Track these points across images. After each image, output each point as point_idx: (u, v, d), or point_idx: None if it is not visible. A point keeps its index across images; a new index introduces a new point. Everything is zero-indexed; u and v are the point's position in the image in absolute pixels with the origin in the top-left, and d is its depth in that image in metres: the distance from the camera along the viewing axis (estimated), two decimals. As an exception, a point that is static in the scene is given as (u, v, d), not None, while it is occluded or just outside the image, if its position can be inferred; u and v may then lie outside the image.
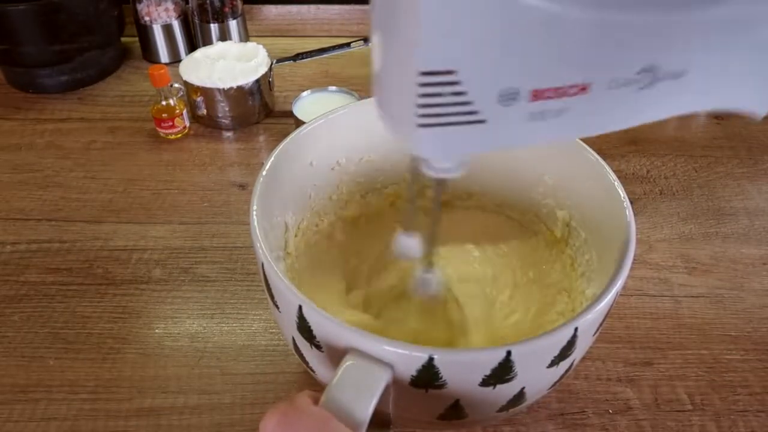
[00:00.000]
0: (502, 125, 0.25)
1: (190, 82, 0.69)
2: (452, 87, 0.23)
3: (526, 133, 0.25)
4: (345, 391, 0.28)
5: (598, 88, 0.24)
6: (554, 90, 0.24)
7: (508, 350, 0.29)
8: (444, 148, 0.26)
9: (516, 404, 0.33)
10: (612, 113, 0.25)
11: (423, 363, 0.29)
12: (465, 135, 0.25)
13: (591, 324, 0.32)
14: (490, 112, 0.24)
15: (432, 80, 0.23)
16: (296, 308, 0.32)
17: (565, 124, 0.25)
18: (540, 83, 0.24)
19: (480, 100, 0.24)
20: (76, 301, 0.51)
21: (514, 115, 0.24)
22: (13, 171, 0.65)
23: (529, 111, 0.24)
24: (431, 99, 0.24)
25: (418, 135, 0.25)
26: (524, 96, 0.24)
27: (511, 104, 0.24)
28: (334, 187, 0.47)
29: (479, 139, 0.25)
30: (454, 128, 0.24)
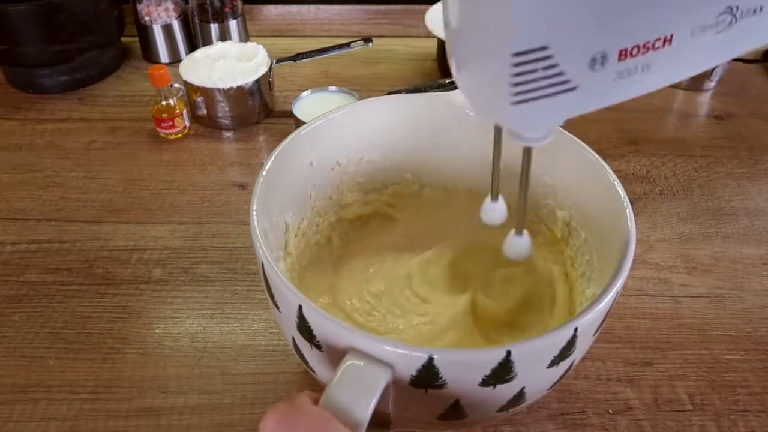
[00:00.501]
0: (592, 89, 0.25)
1: (190, 82, 0.69)
2: (545, 62, 0.23)
3: (614, 91, 0.26)
4: (345, 390, 0.28)
5: (681, 37, 0.25)
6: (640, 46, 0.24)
7: (508, 350, 0.29)
8: (538, 120, 0.26)
9: (516, 404, 0.33)
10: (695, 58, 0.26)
11: (423, 363, 0.29)
12: (557, 104, 0.25)
13: (591, 324, 0.32)
14: (581, 78, 0.24)
15: (525, 59, 0.23)
16: (296, 308, 0.32)
17: (650, 77, 0.25)
18: (627, 42, 0.24)
19: (571, 69, 0.24)
20: (76, 301, 0.51)
21: (604, 77, 0.25)
22: (13, 171, 0.65)
23: (617, 70, 0.25)
24: (525, 77, 0.24)
25: (514, 112, 0.25)
26: (612, 58, 0.24)
27: (601, 68, 0.24)
28: (334, 187, 0.47)
29: (570, 105, 0.25)
30: (548, 100, 0.25)
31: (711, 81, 0.80)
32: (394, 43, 0.88)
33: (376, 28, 0.93)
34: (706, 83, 0.80)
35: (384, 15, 0.95)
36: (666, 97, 0.79)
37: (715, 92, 0.80)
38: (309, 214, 0.46)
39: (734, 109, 0.77)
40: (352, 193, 0.49)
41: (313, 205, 0.46)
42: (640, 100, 0.78)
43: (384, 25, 0.94)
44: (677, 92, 0.80)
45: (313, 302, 0.34)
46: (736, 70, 0.83)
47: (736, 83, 0.82)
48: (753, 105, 0.78)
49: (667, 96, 0.79)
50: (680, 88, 0.81)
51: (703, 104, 0.78)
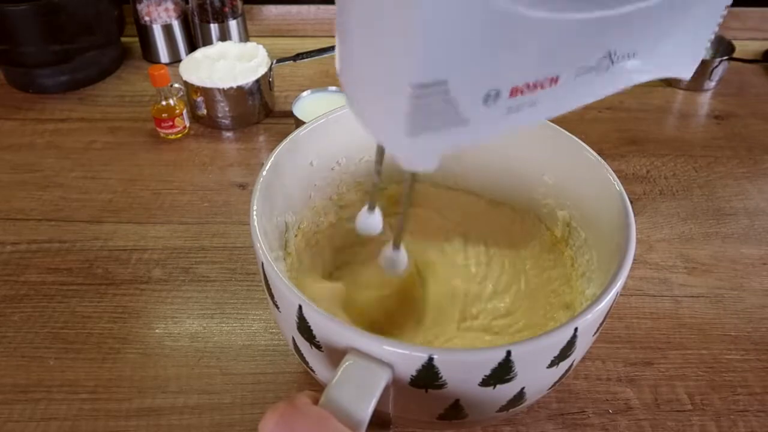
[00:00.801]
0: (482, 122, 0.26)
1: (190, 82, 0.69)
2: (442, 96, 0.24)
3: (502, 125, 0.27)
4: (345, 390, 0.28)
5: (567, 77, 0.26)
6: (531, 85, 0.26)
7: (508, 350, 0.29)
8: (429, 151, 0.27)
9: (516, 404, 0.33)
10: (576, 96, 0.28)
11: (423, 363, 0.29)
12: (448, 136, 0.26)
13: (591, 324, 0.32)
14: (473, 112, 0.25)
15: (424, 92, 0.23)
16: (296, 308, 0.32)
17: (536, 112, 0.27)
18: (518, 81, 0.25)
19: (465, 104, 0.25)
20: (76, 301, 0.51)
21: (494, 113, 0.26)
22: (13, 171, 0.65)
23: (508, 106, 0.26)
24: (423, 110, 0.24)
25: (407, 143, 0.25)
26: (504, 94, 0.25)
27: (493, 103, 0.25)
28: (335, 187, 0.47)
29: (460, 137, 0.26)
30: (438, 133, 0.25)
31: (711, 81, 0.80)
32: (394, 43, 0.88)
33: (376, 28, 0.93)
34: (706, 83, 0.80)
35: (384, 15, 0.95)
36: (666, 97, 0.79)
37: (715, 92, 0.80)
38: (309, 214, 0.46)
39: (734, 109, 0.77)
40: (352, 193, 0.49)
41: (313, 205, 0.46)
42: (640, 100, 0.78)
43: (384, 25, 0.93)
44: (677, 92, 0.80)
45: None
46: (736, 70, 0.83)
47: (736, 83, 0.82)
48: (753, 105, 0.78)
49: (667, 96, 0.79)
50: (680, 88, 0.81)
51: (703, 104, 0.78)
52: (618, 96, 0.79)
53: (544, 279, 0.45)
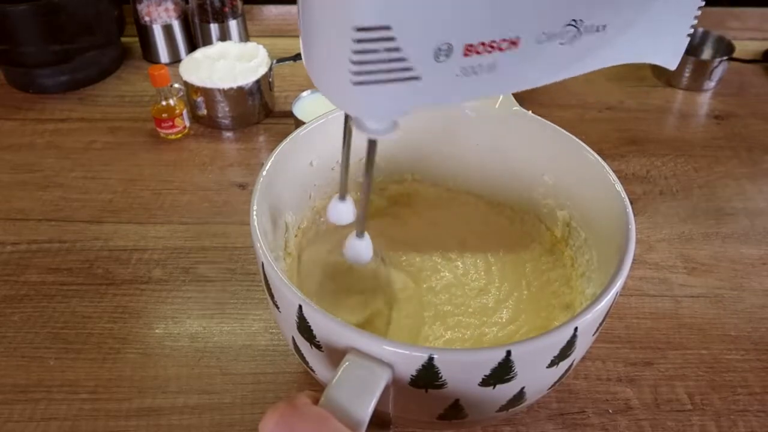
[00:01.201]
0: (436, 81, 0.25)
1: (190, 82, 0.69)
2: (387, 43, 0.23)
3: (458, 88, 0.25)
4: (345, 390, 0.28)
5: (527, 42, 0.25)
6: (486, 44, 0.24)
7: (508, 350, 0.29)
8: (379, 107, 0.26)
9: (516, 404, 0.33)
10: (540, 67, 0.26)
11: (423, 363, 0.29)
12: (399, 92, 0.25)
13: (591, 324, 0.32)
14: (424, 68, 0.24)
15: (367, 36, 0.23)
16: (296, 308, 0.32)
17: (496, 80, 0.26)
18: (472, 38, 0.24)
19: (415, 56, 0.24)
20: (76, 301, 0.51)
21: (448, 71, 0.25)
22: (13, 171, 0.65)
23: (461, 66, 0.25)
24: (366, 56, 0.23)
25: (353, 94, 0.25)
26: (458, 51, 0.24)
27: (445, 60, 0.24)
28: (335, 187, 0.47)
29: (413, 96, 0.25)
30: (389, 86, 0.24)
31: (711, 81, 0.80)
32: (394, 43, 0.88)
33: (376, 28, 0.93)
34: (706, 83, 0.80)
35: (384, 15, 0.95)
36: (666, 97, 0.79)
37: (715, 92, 0.80)
38: (309, 214, 0.46)
39: (734, 109, 0.77)
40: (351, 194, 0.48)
41: (313, 205, 0.46)
42: (640, 100, 0.78)
43: (384, 25, 0.94)
44: (677, 92, 0.80)
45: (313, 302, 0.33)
46: (736, 70, 0.83)
47: (736, 83, 0.82)
48: (753, 105, 0.78)
49: (667, 96, 0.79)
50: (680, 88, 0.81)
51: (703, 104, 0.78)
52: (618, 96, 0.79)
53: (544, 281, 0.45)
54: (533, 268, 0.46)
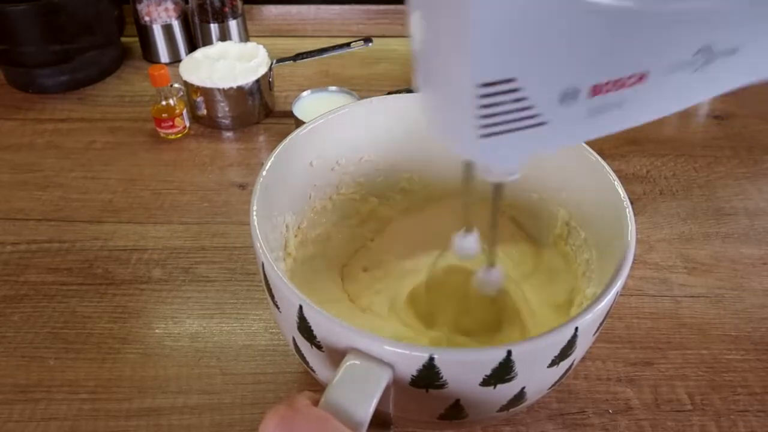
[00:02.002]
0: (563, 124, 0.24)
1: (190, 82, 0.69)
2: (513, 94, 0.23)
3: (586, 128, 0.25)
4: (345, 391, 0.28)
5: (656, 74, 0.24)
6: (613, 83, 0.24)
7: (509, 350, 0.29)
8: (506, 155, 0.26)
9: (516, 404, 0.33)
10: (668, 96, 0.25)
11: (423, 363, 0.29)
12: (526, 139, 0.24)
13: (591, 324, 0.32)
14: (551, 113, 0.24)
15: (491, 91, 0.23)
16: (297, 308, 0.32)
17: (623, 114, 0.25)
18: (599, 78, 0.24)
19: (541, 103, 0.23)
20: (76, 301, 0.51)
21: (575, 113, 0.24)
22: (13, 171, 0.65)
23: (589, 107, 0.24)
24: (492, 109, 0.23)
25: (481, 146, 0.24)
26: (584, 93, 0.24)
27: (572, 103, 0.24)
28: (334, 188, 0.47)
29: (541, 140, 0.25)
30: (516, 134, 0.24)
31: (711, 81, 0.80)
32: (394, 43, 0.88)
33: (376, 28, 0.93)
34: (707, 83, 0.80)
35: (384, 15, 0.95)
36: (666, 97, 0.79)
37: (715, 92, 0.80)
38: (309, 214, 0.46)
39: (734, 109, 0.77)
40: (351, 194, 0.49)
41: (313, 205, 0.46)
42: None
43: (384, 25, 0.94)
44: (677, 92, 0.80)
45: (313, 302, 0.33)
46: (736, 70, 0.83)
47: (736, 83, 0.82)
48: (753, 105, 0.78)
49: (667, 96, 0.79)
50: (680, 88, 0.81)
51: (703, 104, 0.78)
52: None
53: (543, 279, 0.45)
54: (534, 266, 0.46)
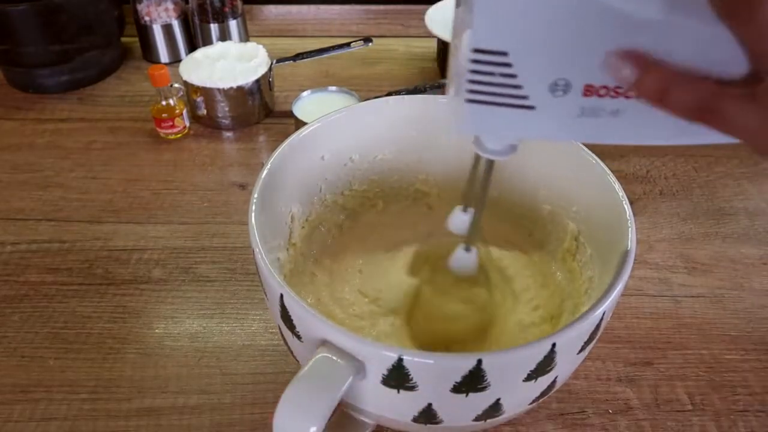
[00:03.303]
0: (553, 115, 0.25)
1: (190, 82, 0.69)
2: (503, 68, 0.24)
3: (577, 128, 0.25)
4: (309, 383, 0.29)
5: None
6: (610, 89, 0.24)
7: (479, 359, 0.29)
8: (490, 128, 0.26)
9: (494, 415, 0.33)
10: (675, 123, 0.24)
11: (393, 363, 0.29)
12: (513, 118, 0.25)
13: (572, 341, 0.31)
14: (539, 99, 0.24)
15: (483, 58, 0.24)
16: (278, 297, 0.32)
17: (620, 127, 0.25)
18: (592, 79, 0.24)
19: (530, 85, 0.24)
20: (76, 301, 0.51)
21: (565, 108, 0.25)
22: (13, 171, 0.65)
23: (581, 105, 0.24)
24: (482, 77, 0.24)
25: (467, 110, 0.25)
26: (577, 89, 0.24)
27: (562, 96, 0.24)
28: (347, 183, 0.47)
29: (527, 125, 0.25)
30: (502, 110, 0.25)
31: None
32: (394, 43, 0.89)
33: (376, 28, 0.93)
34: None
35: (384, 15, 0.95)
36: (666, 97, 0.79)
37: (715, 92, 0.80)
38: (319, 207, 0.46)
39: (734, 109, 0.77)
40: (363, 191, 0.49)
41: (323, 199, 0.46)
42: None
43: (384, 25, 0.94)
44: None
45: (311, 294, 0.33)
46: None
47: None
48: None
49: (667, 96, 0.79)
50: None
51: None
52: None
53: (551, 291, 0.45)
54: (538, 272, 0.46)
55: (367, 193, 0.49)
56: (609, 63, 0.23)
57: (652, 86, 0.23)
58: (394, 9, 0.95)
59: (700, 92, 0.23)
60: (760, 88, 0.22)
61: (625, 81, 0.24)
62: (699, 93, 0.23)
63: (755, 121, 0.23)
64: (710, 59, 0.23)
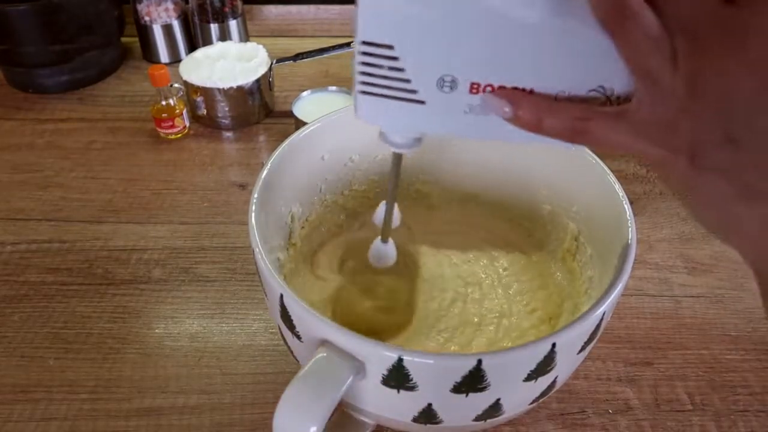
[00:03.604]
0: (442, 111, 0.25)
1: (190, 82, 0.69)
2: (390, 61, 0.24)
3: (466, 124, 0.26)
4: (309, 383, 0.29)
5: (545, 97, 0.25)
6: (494, 87, 0.25)
7: (479, 359, 0.29)
8: (384, 119, 0.27)
9: (494, 415, 0.33)
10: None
11: (393, 363, 0.29)
12: (405, 112, 0.26)
13: (572, 341, 0.31)
14: (428, 94, 0.25)
15: (371, 50, 0.24)
16: (278, 297, 0.32)
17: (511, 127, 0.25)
18: (478, 77, 0.24)
19: (418, 80, 0.25)
20: (76, 301, 0.51)
21: (454, 105, 0.25)
22: (13, 171, 0.65)
23: (469, 103, 0.25)
24: (370, 68, 0.25)
25: (360, 101, 0.26)
26: (463, 86, 0.25)
27: (449, 92, 0.25)
28: (347, 183, 0.47)
29: (419, 119, 0.26)
30: (395, 103, 0.26)
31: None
32: (394, 43, 0.88)
33: (376, 28, 0.93)
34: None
35: (384, 15, 0.95)
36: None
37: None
38: (319, 207, 0.46)
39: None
40: (364, 191, 0.49)
41: (323, 199, 0.46)
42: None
43: (384, 25, 0.93)
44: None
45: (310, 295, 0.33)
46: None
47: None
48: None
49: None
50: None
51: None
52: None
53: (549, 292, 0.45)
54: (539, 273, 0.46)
55: (367, 193, 0.49)
56: (486, 101, 0.25)
57: (526, 118, 0.24)
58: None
59: (569, 116, 0.24)
60: (630, 106, 0.23)
61: (503, 116, 0.25)
62: (568, 117, 0.24)
63: (625, 138, 0.23)
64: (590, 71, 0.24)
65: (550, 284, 0.45)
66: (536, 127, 0.25)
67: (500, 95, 0.25)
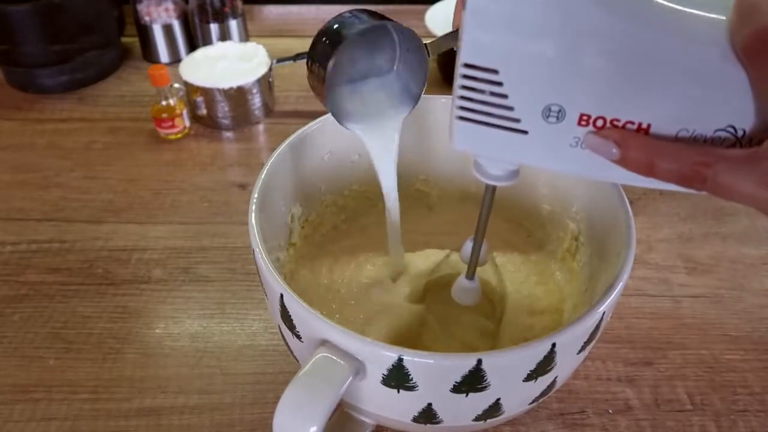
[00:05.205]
0: (546, 143, 0.24)
1: (190, 82, 0.69)
2: (493, 87, 0.23)
3: (571, 159, 0.24)
4: (309, 382, 0.29)
5: (662, 133, 0.22)
6: (608, 121, 0.22)
7: (479, 358, 0.29)
8: (481, 148, 0.26)
9: (494, 415, 0.33)
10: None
11: (393, 363, 0.29)
12: (505, 141, 0.24)
13: (572, 341, 0.31)
14: (531, 124, 0.23)
15: (473, 74, 0.23)
16: (278, 297, 0.32)
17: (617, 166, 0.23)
18: (591, 109, 0.22)
19: (522, 108, 0.23)
20: (76, 301, 0.51)
21: (559, 136, 0.23)
22: (13, 171, 0.65)
23: (575, 135, 0.23)
24: (470, 93, 0.23)
25: (457, 127, 0.25)
26: (571, 118, 0.23)
27: (555, 123, 0.23)
28: (347, 183, 0.47)
29: (519, 150, 0.24)
30: (494, 131, 0.24)
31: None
32: (394, 43, 0.88)
33: (376, 28, 0.93)
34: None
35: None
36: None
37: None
38: (318, 207, 0.46)
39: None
40: (362, 190, 0.49)
41: (323, 198, 0.46)
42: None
43: (384, 25, 0.93)
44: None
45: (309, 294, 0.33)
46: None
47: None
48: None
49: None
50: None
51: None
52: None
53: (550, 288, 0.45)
54: (539, 271, 0.46)
55: (367, 193, 0.49)
56: (590, 143, 0.22)
57: (636, 161, 0.22)
58: (394, 9, 0.95)
59: (688, 160, 0.21)
60: (761, 149, 0.20)
61: (610, 157, 0.22)
62: (687, 162, 0.21)
63: (753, 188, 0.21)
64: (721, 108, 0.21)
65: (550, 284, 0.45)
66: (647, 171, 0.22)
67: (606, 135, 0.22)
